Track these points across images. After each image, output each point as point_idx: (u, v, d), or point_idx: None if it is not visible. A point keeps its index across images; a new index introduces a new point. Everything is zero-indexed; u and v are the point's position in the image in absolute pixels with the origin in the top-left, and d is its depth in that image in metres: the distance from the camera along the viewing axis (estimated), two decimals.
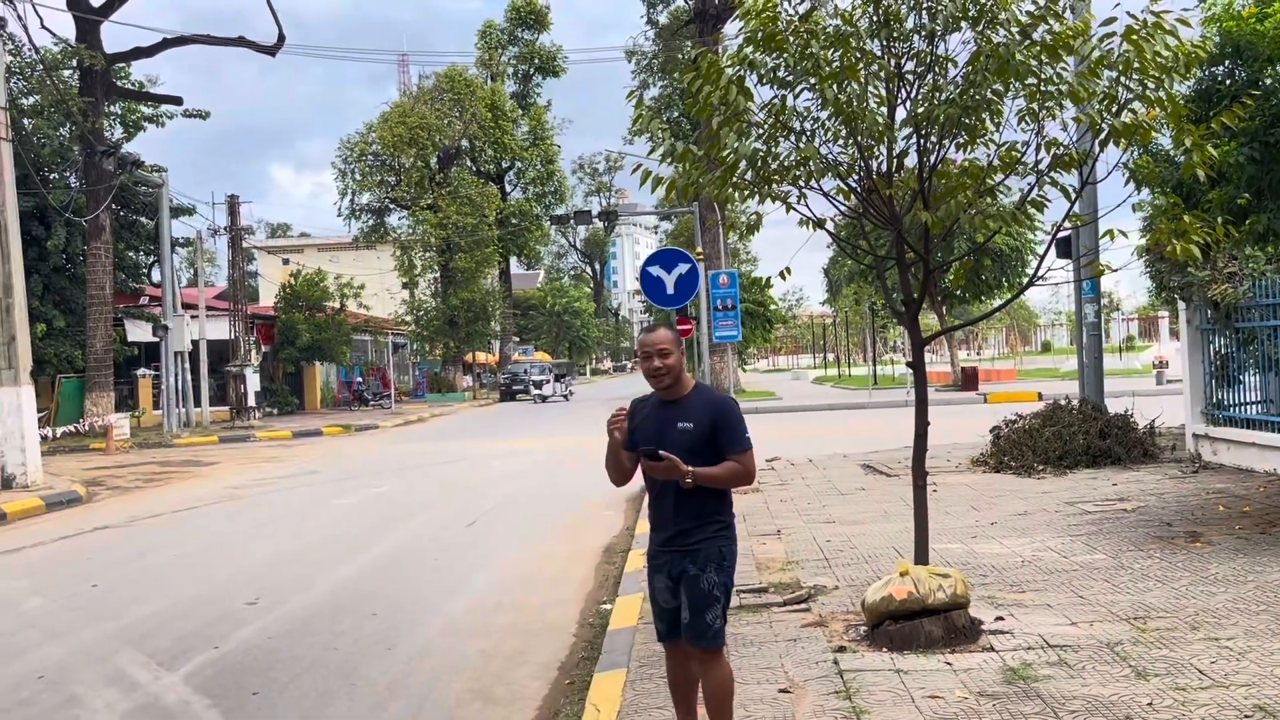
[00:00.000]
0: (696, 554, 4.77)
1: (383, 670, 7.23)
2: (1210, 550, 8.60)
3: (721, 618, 4.76)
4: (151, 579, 10.71)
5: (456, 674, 7.13)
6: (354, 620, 8.59)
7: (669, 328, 5.06)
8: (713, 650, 4.83)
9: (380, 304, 61.52)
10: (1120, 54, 6.04)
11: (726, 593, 4.78)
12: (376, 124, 57.65)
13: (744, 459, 4.70)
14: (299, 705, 6.54)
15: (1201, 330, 13.83)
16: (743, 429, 4.72)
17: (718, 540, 4.76)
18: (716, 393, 4.88)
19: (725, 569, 4.76)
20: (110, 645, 8.07)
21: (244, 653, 7.73)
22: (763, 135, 6.48)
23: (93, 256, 32.66)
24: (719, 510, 4.79)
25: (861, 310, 65.75)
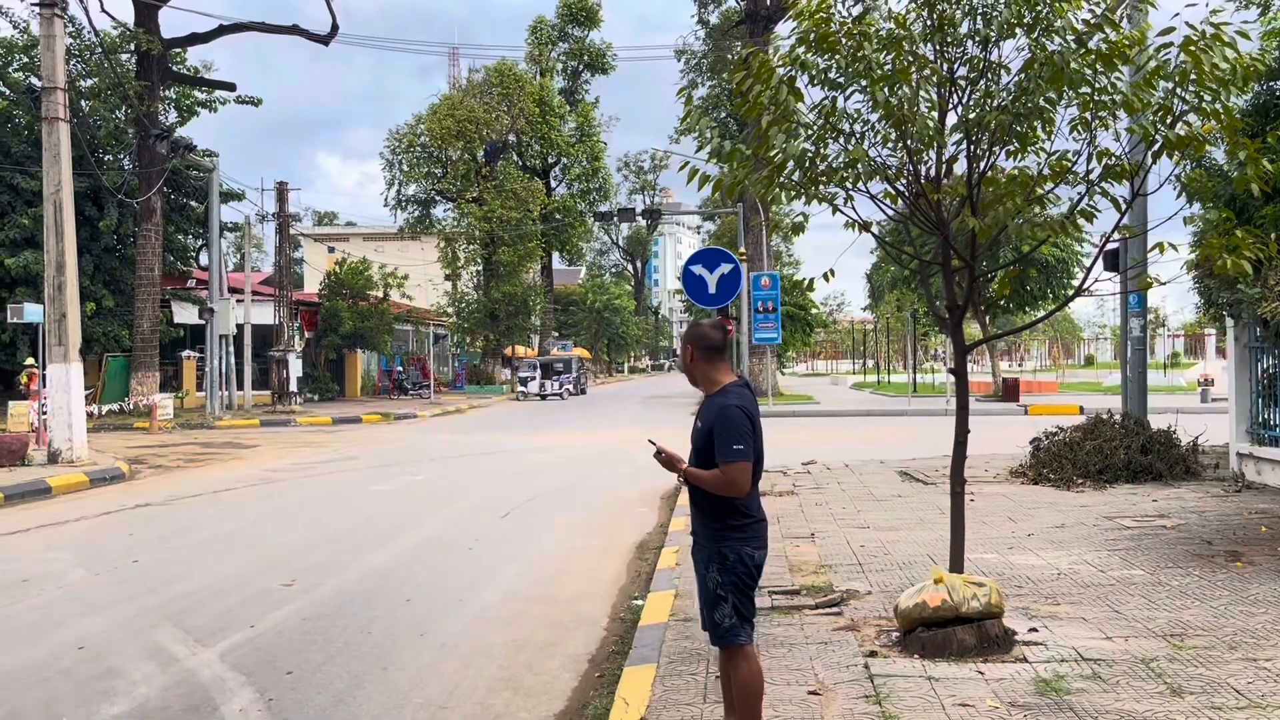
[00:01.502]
0: (702, 552, 4.93)
1: (414, 656, 7.29)
2: (1251, 571, 8.49)
3: (731, 617, 4.81)
4: (190, 557, 10.86)
5: (487, 662, 7.18)
6: (387, 606, 8.66)
7: (694, 328, 5.11)
8: (727, 648, 4.91)
9: (423, 295, 61.97)
10: (1177, 65, 5.97)
11: (736, 592, 4.80)
12: (425, 116, 58.00)
13: (726, 469, 4.69)
14: (331, 687, 6.61)
15: (1250, 348, 13.64)
16: (730, 439, 4.68)
17: (720, 541, 4.81)
18: (729, 398, 4.83)
19: (729, 569, 4.79)
20: (149, 620, 8.20)
21: (278, 633, 7.82)
22: (811, 136, 6.47)
23: (143, 238, 33.13)
24: (726, 512, 4.81)
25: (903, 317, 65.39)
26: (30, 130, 33.93)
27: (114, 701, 6.33)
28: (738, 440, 4.69)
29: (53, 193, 18.66)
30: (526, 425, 31.67)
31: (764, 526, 4.95)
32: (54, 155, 18.62)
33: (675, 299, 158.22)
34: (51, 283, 18.66)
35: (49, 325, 18.66)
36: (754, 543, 4.86)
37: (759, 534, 4.89)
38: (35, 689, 6.59)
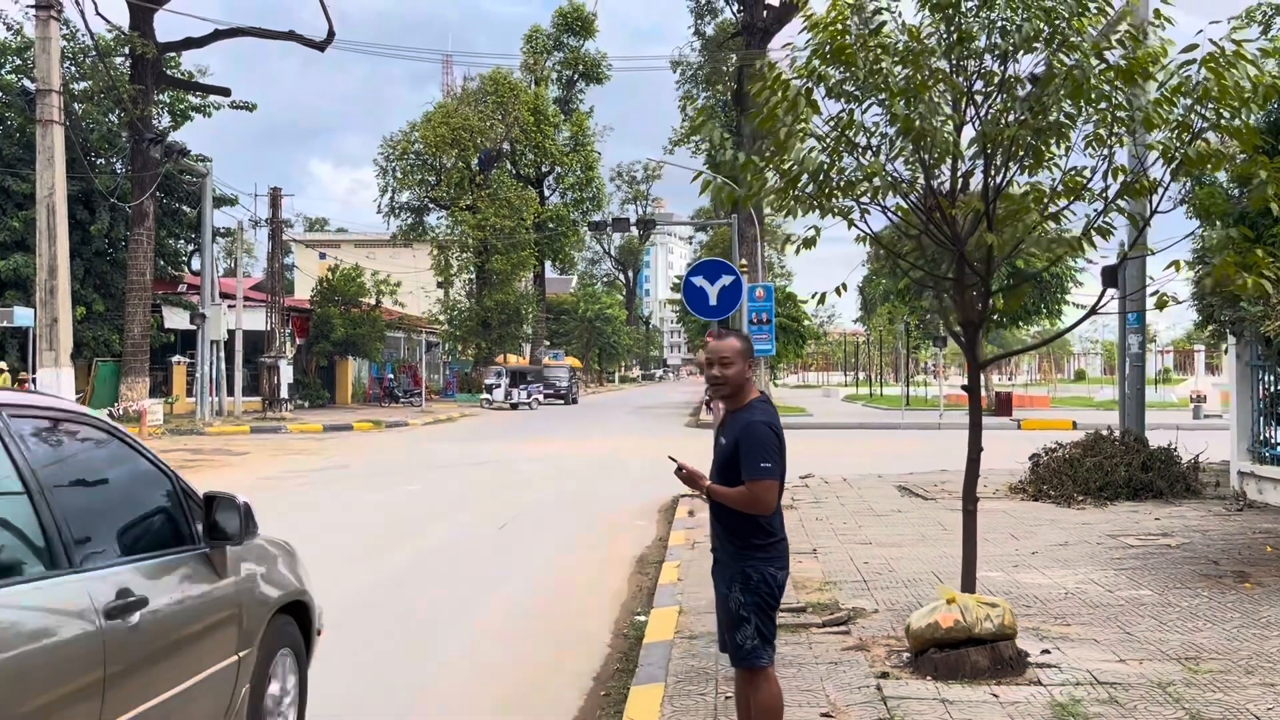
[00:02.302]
0: (725, 571, 4.81)
1: (414, 673, 7.17)
2: (1261, 592, 8.41)
3: (754, 638, 4.69)
4: None
5: (490, 680, 7.06)
6: (385, 620, 8.54)
7: (741, 338, 4.97)
8: (748, 670, 4.79)
9: (415, 302, 61.78)
10: (1198, 81, 5.90)
11: (759, 613, 4.69)
12: (420, 123, 57.90)
13: (752, 487, 4.57)
14: (330, 707, 6.48)
15: (1251, 366, 13.59)
16: (758, 456, 4.56)
17: (744, 560, 4.70)
18: (755, 414, 4.71)
19: (752, 589, 4.68)
20: None
21: None
22: (827, 149, 6.38)
23: (135, 242, 32.94)
24: (749, 531, 4.69)
25: (895, 330, 65.43)
26: (22, 133, 33.72)
27: None
28: (765, 458, 4.57)
29: (46, 196, 18.50)
30: (518, 435, 31.54)
31: (786, 546, 4.83)
32: (48, 158, 18.48)
33: (666, 309, 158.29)
34: (44, 287, 18.50)
35: (40, 329, 18.49)
36: (777, 562, 4.74)
37: (782, 553, 4.78)
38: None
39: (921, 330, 52.22)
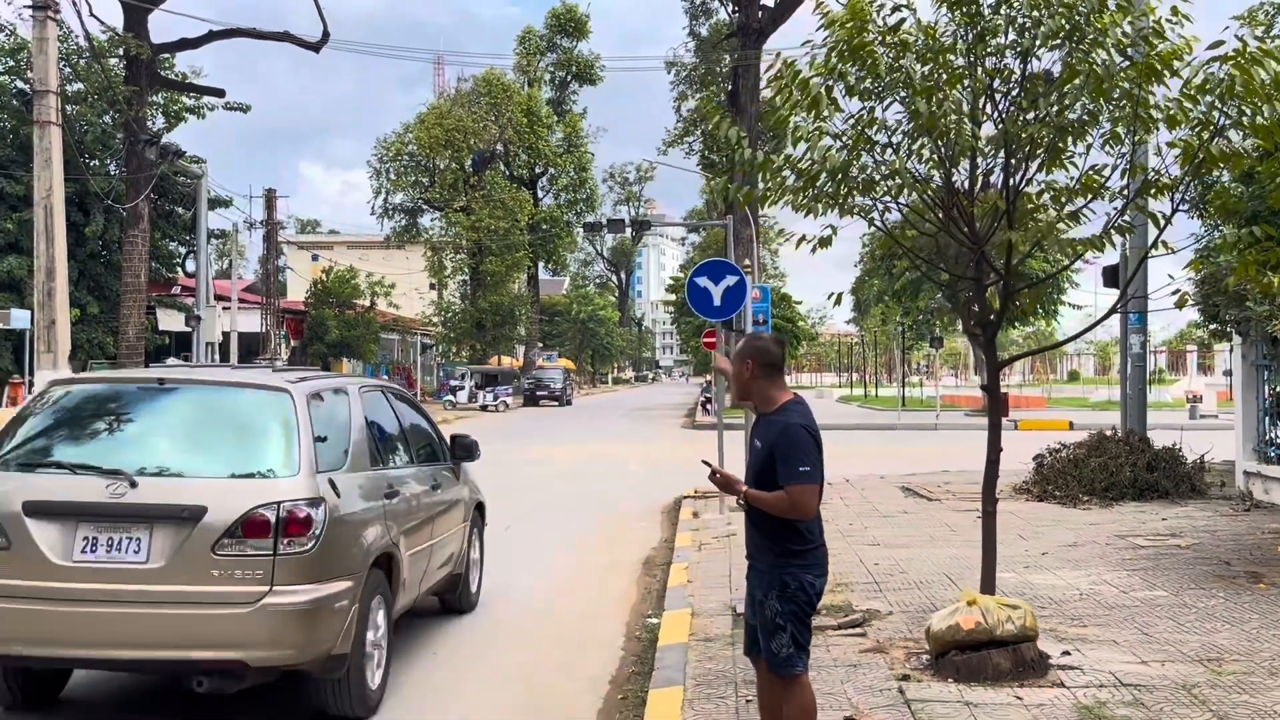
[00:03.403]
0: (762, 578, 4.75)
1: (428, 676, 7.10)
2: (1276, 593, 8.36)
3: (790, 646, 4.63)
4: None
5: (506, 684, 7.00)
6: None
7: (747, 340, 4.97)
8: (784, 677, 4.73)
9: (408, 304, 61.68)
10: (1222, 78, 5.84)
11: (795, 621, 4.63)
12: (413, 124, 57.83)
13: (790, 491, 4.51)
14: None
15: (1257, 366, 13.57)
16: (796, 461, 4.51)
17: (781, 568, 4.64)
18: (792, 416, 4.68)
19: (789, 597, 4.62)
20: None
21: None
22: (845, 147, 6.32)
23: (129, 244, 32.75)
24: (787, 537, 4.63)
25: (889, 330, 65.45)
26: (15, 134, 33.55)
27: None
28: (804, 462, 4.52)
29: (43, 197, 18.36)
30: (515, 437, 31.45)
31: (825, 553, 4.79)
32: (45, 159, 18.33)
33: (659, 310, 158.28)
34: (41, 288, 18.34)
35: (38, 331, 18.33)
36: (815, 569, 4.70)
37: (820, 560, 4.74)
38: None
39: (915, 331, 52.27)
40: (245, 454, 5.93)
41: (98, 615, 5.47)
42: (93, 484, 5.62)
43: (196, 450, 6.01)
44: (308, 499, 5.65)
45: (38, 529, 5.54)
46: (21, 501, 5.59)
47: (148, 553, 5.50)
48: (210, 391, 6.46)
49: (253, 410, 6.19)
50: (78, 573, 5.48)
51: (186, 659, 5.50)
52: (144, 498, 5.56)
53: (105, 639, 5.49)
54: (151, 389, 6.30)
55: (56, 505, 5.61)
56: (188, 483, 5.70)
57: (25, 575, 5.50)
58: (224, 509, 5.50)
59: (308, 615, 5.55)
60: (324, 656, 5.68)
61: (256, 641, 5.47)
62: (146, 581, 5.46)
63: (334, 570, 5.76)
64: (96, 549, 5.52)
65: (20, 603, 5.48)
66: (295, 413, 5.97)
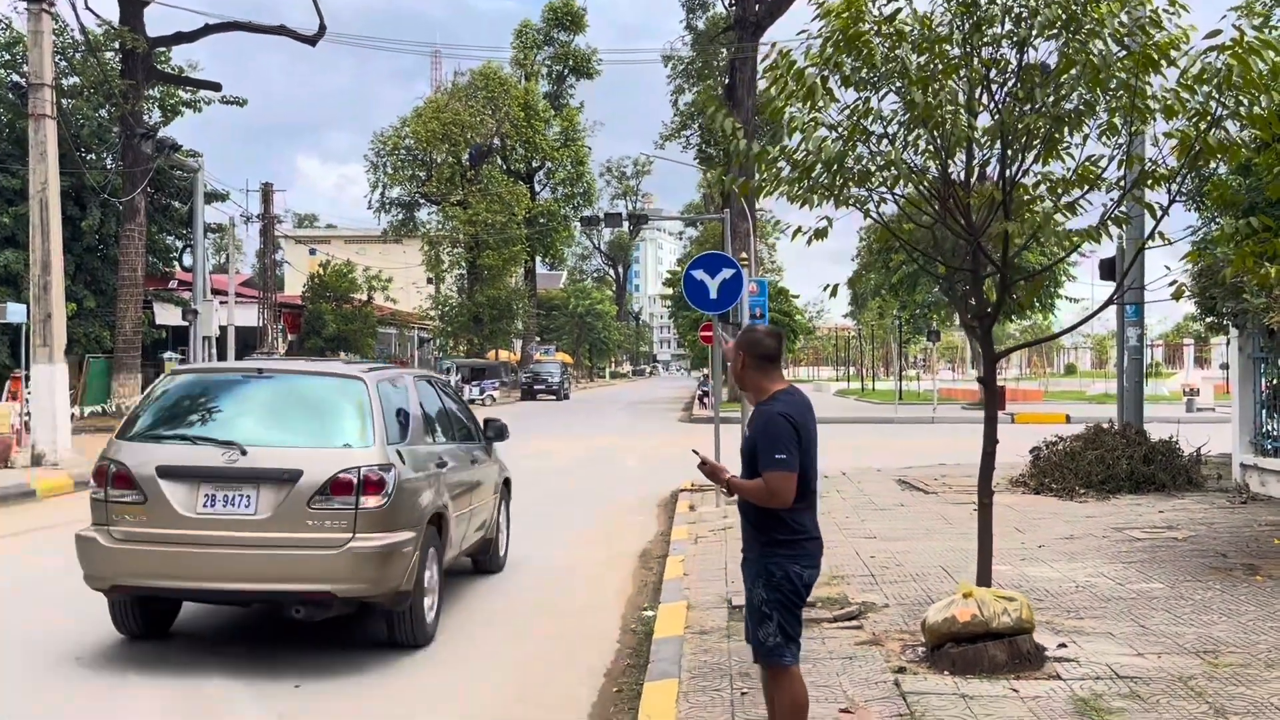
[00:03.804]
0: (750, 567, 4.78)
1: (424, 668, 7.08)
2: (1273, 585, 8.36)
3: (776, 636, 4.65)
4: None
5: (500, 676, 6.99)
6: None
7: (742, 333, 5.01)
8: (770, 668, 4.75)
9: (406, 298, 61.61)
10: (1220, 68, 5.82)
11: (782, 610, 4.65)
12: (410, 118, 57.72)
13: (768, 479, 4.55)
14: (341, 703, 6.40)
15: (1254, 358, 13.55)
16: (773, 449, 4.55)
17: (767, 558, 4.66)
18: (775, 405, 4.72)
19: (774, 586, 4.64)
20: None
21: (283, 644, 7.59)
22: (841, 138, 6.29)
23: (126, 238, 32.70)
24: (772, 526, 4.66)
25: (885, 324, 65.44)
26: (11, 128, 33.43)
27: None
28: (780, 449, 4.55)
29: (39, 191, 18.33)
30: (512, 432, 31.28)
31: (816, 545, 4.77)
32: (40, 153, 18.30)
33: (656, 304, 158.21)
34: (37, 282, 18.33)
35: (34, 325, 18.33)
36: (803, 561, 4.69)
37: (809, 552, 4.72)
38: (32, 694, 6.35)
39: (912, 325, 52.25)
40: (330, 429, 7.28)
41: (218, 555, 6.80)
42: (211, 452, 6.98)
43: (292, 426, 7.37)
44: (381, 465, 6.97)
45: (168, 487, 6.89)
46: (155, 466, 6.94)
47: (256, 506, 6.84)
48: (300, 379, 7.90)
49: (335, 394, 7.53)
50: (200, 522, 6.83)
51: (288, 590, 6.83)
52: (253, 463, 6.89)
53: (224, 575, 6.83)
54: (252, 376, 7.70)
55: (183, 469, 6.96)
56: (286, 451, 7.00)
57: (158, 524, 6.87)
58: (316, 472, 6.83)
59: (382, 557, 6.86)
60: (393, 591, 7.01)
61: (342, 577, 6.79)
62: (255, 529, 6.79)
63: (401, 523, 7.07)
64: (215, 503, 6.88)
65: (155, 546, 6.87)
66: (369, 396, 7.31)
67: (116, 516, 7.02)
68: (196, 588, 7.05)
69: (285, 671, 6.92)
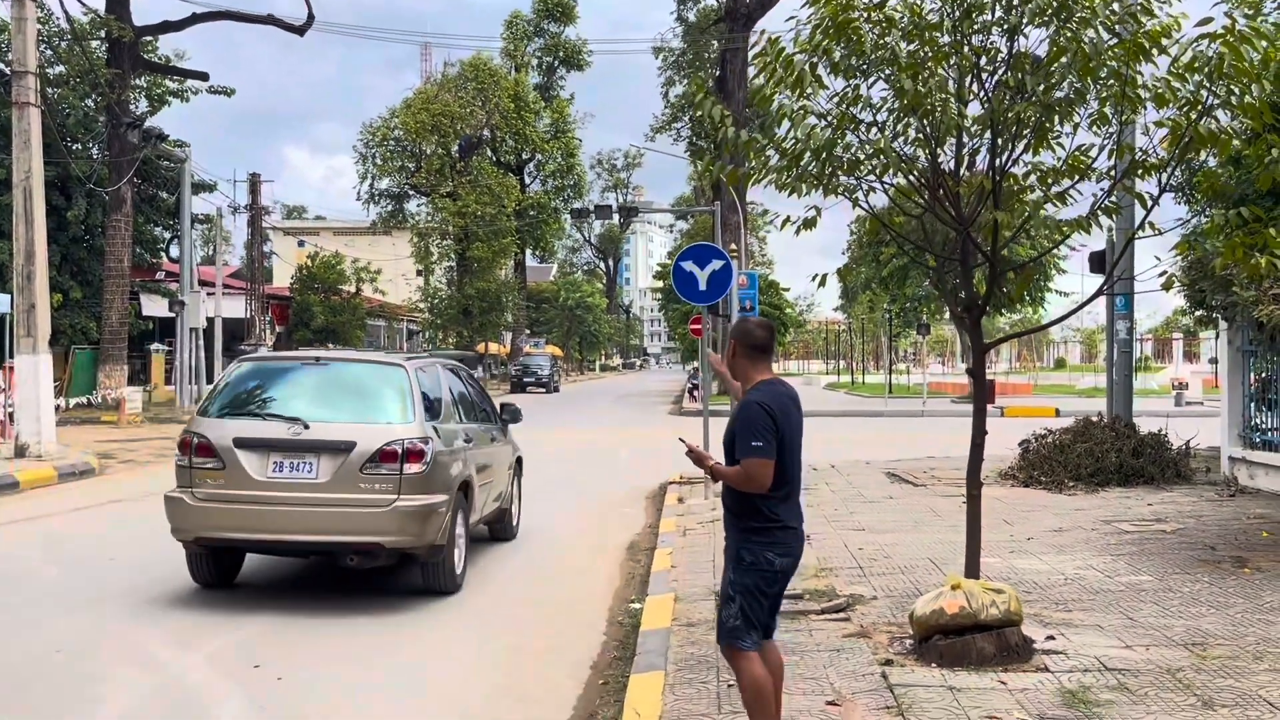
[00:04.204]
0: (727, 552, 4.89)
1: (409, 661, 7.02)
2: (1261, 578, 8.34)
3: (737, 618, 4.73)
4: (167, 556, 10.47)
5: (486, 668, 6.93)
6: (376, 606, 8.38)
7: (741, 323, 5.10)
8: (726, 648, 4.83)
9: (395, 290, 61.45)
10: (1211, 57, 5.76)
11: (746, 595, 4.72)
12: (400, 109, 57.47)
13: (744, 465, 4.67)
14: (322, 691, 6.34)
15: (1243, 351, 13.54)
16: (749, 437, 4.65)
17: (741, 543, 4.77)
18: (753, 394, 4.83)
19: (744, 570, 4.73)
20: (129, 621, 7.88)
21: (265, 635, 7.53)
22: (830, 125, 6.23)
23: (112, 228, 32.51)
24: (747, 513, 4.76)
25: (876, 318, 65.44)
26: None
27: (98, 708, 6.02)
28: (755, 437, 4.65)
29: (22, 179, 18.17)
30: None
31: (793, 535, 4.80)
32: (24, 141, 18.14)
33: (647, 297, 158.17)
34: (20, 272, 18.18)
35: (18, 315, 18.17)
36: (778, 548, 4.74)
37: (783, 540, 4.77)
38: (11, 695, 6.26)
39: (902, 318, 52.26)
40: (377, 408, 8.52)
41: (285, 512, 8.03)
42: (278, 426, 8.24)
43: (344, 405, 8.59)
44: (420, 438, 8.25)
45: (243, 456, 8.12)
46: (232, 438, 8.18)
47: (317, 472, 8.09)
48: (349, 366, 9.32)
49: (379, 378, 8.84)
50: (270, 485, 8.07)
51: (344, 542, 8.15)
52: (314, 436, 8.13)
53: (290, 529, 8.07)
54: (309, 364, 9.15)
55: (255, 440, 8.20)
56: (341, 426, 8.24)
57: (234, 487, 8.11)
58: (366, 444, 8.08)
59: (422, 515, 8.12)
60: (430, 544, 8.27)
61: (389, 531, 8.04)
62: (316, 491, 8.04)
63: (437, 487, 8.32)
64: (282, 469, 8.12)
65: (232, 504, 8.11)
66: (408, 380, 8.57)
67: (199, 480, 8.22)
68: (267, 539, 8.27)
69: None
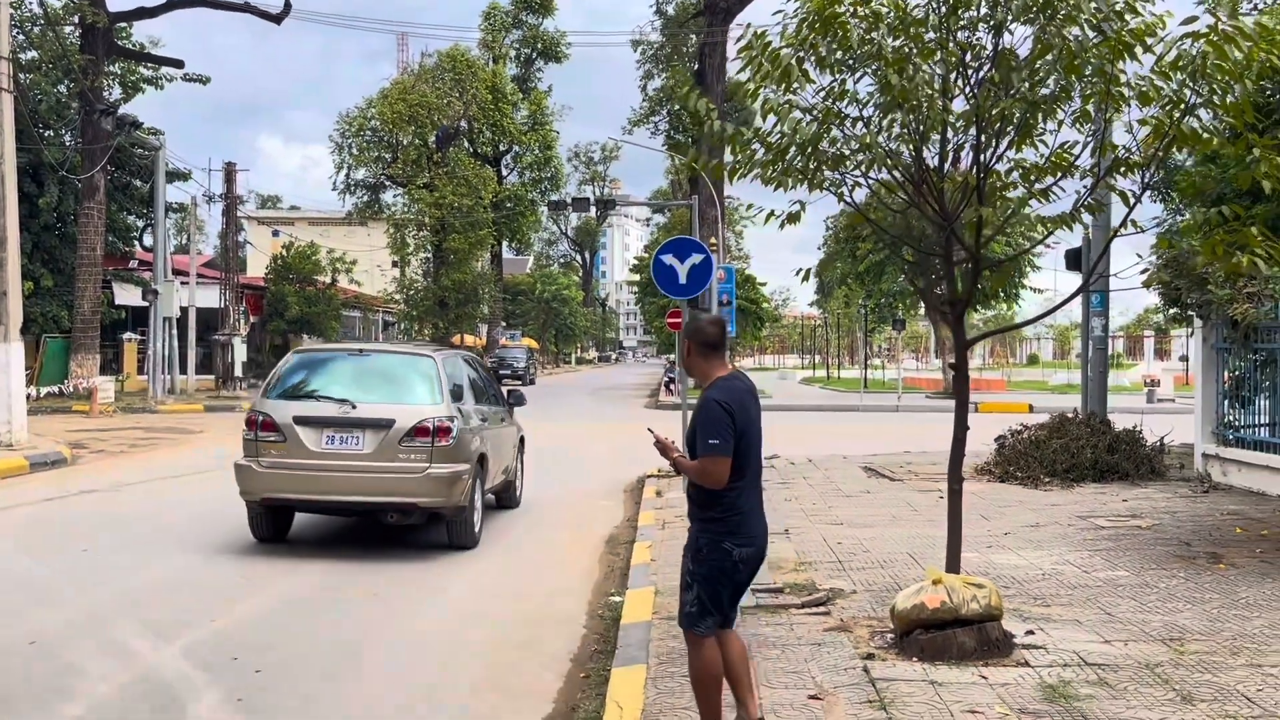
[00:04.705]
0: (689, 538, 5.02)
1: (389, 654, 6.99)
2: (1236, 573, 8.42)
3: (694, 605, 4.88)
4: (142, 547, 10.41)
5: (467, 661, 6.90)
6: (355, 600, 8.34)
7: (691, 322, 5.21)
8: (688, 634, 4.97)
9: (370, 281, 61.06)
10: (1195, 55, 5.79)
11: (704, 582, 4.87)
12: (377, 100, 57.05)
13: (700, 462, 4.81)
14: (304, 686, 6.30)
15: (1217, 349, 13.65)
16: (705, 433, 4.78)
17: (701, 532, 4.92)
18: (711, 391, 4.91)
19: (701, 559, 4.88)
20: (104, 613, 7.80)
21: (243, 628, 7.48)
22: (816, 120, 6.22)
23: (85, 216, 32.20)
24: (706, 504, 4.91)
25: (851, 313, 65.63)
26: None
27: (73, 700, 5.96)
28: (712, 434, 4.78)
29: None
30: None
31: (753, 523, 4.93)
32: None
33: (623, 290, 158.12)
34: None
35: None
36: (737, 538, 4.86)
37: (744, 529, 4.88)
38: None
39: (877, 314, 52.39)
40: (411, 392, 10.25)
41: (336, 478, 9.73)
42: (330, 406, 9.96)
43: (384, 389, 10.28)
44: (448, 417, 9.96)
45: (301, 431, 9.83)
46: (292, 415, 9.89)
47: (363, 444, 9.79)
48: (387, 356, 11.45)
49: (412, 367, 10.69)
50: (323, 455, 9.78)
51: (385, 502, 9.88)
52: (361, 414, 9.82)
53: (341, 491, 9.79)
54: (353, 354, 11.18)
55: (311, 418, 9.91)
56: (382, 406, 9.94)
57: (294, 456, 9.82)
58: (403, 421, 9.78)
59: (449, 480, 9.81)
60: (456, 505, 9.97)
61: (423, 493, 9.76)
62: (362, 460, 9.74)
63: (461, 457, 10.00)
64: (334, 442, 9.82)
65: (292, 471, 9.80)
66: (436, 369, 10.38)
67: (263, 451, 9.89)
68: (322, 500, 9.94)
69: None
